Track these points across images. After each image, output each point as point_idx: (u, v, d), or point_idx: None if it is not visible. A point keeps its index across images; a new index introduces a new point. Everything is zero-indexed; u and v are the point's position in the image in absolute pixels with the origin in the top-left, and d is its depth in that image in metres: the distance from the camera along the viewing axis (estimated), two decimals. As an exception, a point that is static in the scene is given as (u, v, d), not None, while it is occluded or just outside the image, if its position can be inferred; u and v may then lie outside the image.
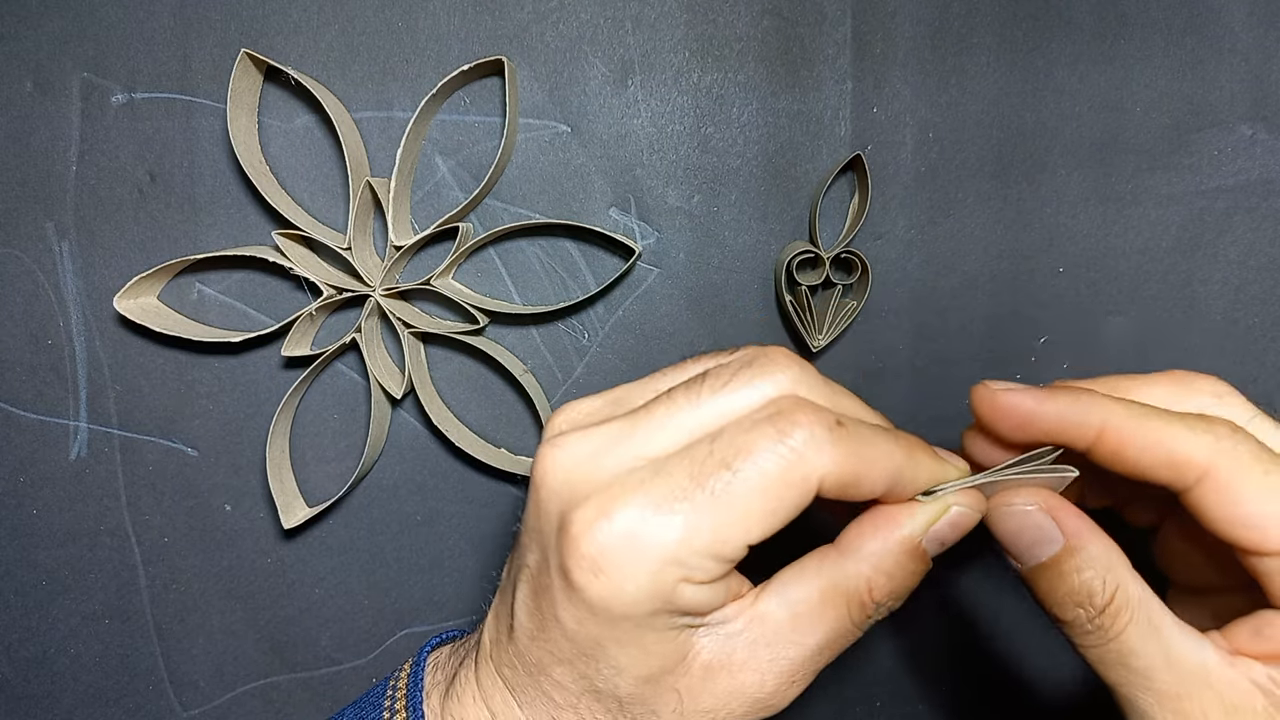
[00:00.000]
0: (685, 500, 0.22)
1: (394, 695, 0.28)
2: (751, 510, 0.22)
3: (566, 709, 0.25)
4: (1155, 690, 0.24)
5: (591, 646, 0.23)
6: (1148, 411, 0.24)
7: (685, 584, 0.22)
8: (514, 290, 0.38)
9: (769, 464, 0.22)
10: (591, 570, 0.22)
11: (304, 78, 0.35)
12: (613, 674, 0.24)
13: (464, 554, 0.39)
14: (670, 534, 0.22)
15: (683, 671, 0.24)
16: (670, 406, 0.23)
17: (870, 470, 0.23)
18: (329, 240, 0.36)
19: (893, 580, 0.24)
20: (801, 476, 0.22)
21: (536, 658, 0.25)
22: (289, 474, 0.38)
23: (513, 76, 0.35)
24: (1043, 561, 0.25)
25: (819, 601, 0.24)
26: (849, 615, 0.24)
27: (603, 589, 0.22)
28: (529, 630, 0.25)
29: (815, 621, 0.24)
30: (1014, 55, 0.36)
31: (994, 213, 0.37)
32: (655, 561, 0.22)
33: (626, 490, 0.22)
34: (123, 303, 0.36)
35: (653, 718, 0.24)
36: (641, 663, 0.23)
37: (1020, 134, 0.36)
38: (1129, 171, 0.36)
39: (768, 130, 0.37)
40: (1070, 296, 0.37)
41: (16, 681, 0.40)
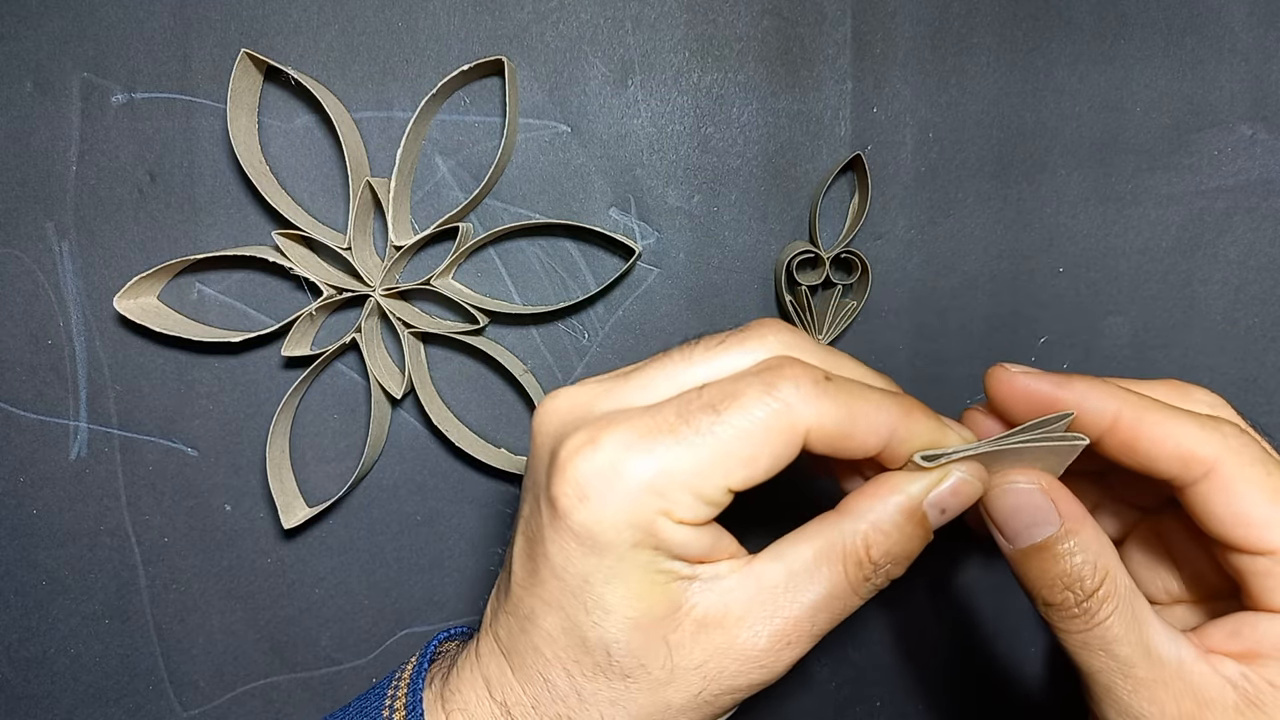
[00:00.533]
0: (669, 434, 0.22)
1: (396, 686, 0.28)
2: (733, 453, 0.22)
3: (555, 664, 0.24)
4: (1134, 679, 0.24)
5: (579, 584, 0.23)
6: (1161, 406, 0.25)
7: (665, 518, 0.22)
8: (514, 290, 0.38)
9: (754, 409, 0.22)
10: (576, 495, 0.22)
11: (304, 78, 0.35)
12: (601, 616, 0.23)
13: (464, 554, 0.39)
14: (651, 463, 0.22)
15: (673, 624, 0.24)
16: (664, 362, 0.24)
17: (860, 425, 0.23)
18: (329, 240, 0.36)
19: (890, 539, 0.24)
20: (787, 424, 0.22)
21: (529, 607, 0.24)
22: (289, 474, 0.38)
23: (513, 76, 0.35)
24: (1037, 543, 0.25)
25: (815, 559, 0.24)
26: (845, 573, 0.24)
27: (585, 514, 0.22)
28: (521, 579, 0.25)
29: (811, 578, 0.24)
30: (1014, 55, 0.36)
31: (994, 213, 0.37)
32: (635, 488, 0.22)
33: (614, 423, 0.23)
34: (123, 303, 0.36)
35: (641, 671, 0.24)
36: (629, 604, 0.23)
37: (1020, 134, 0.36)
38: (1129, 171, 0.36)
39: (768, 130, 0.37)
40: (1070, 296, 0.37)
41: (16, 681, 0.40)
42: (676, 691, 0.24)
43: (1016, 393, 0.25)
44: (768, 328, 0.24)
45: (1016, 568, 0.26)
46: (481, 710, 0.26)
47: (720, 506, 0.23)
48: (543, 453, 0.24)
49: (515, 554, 0.25)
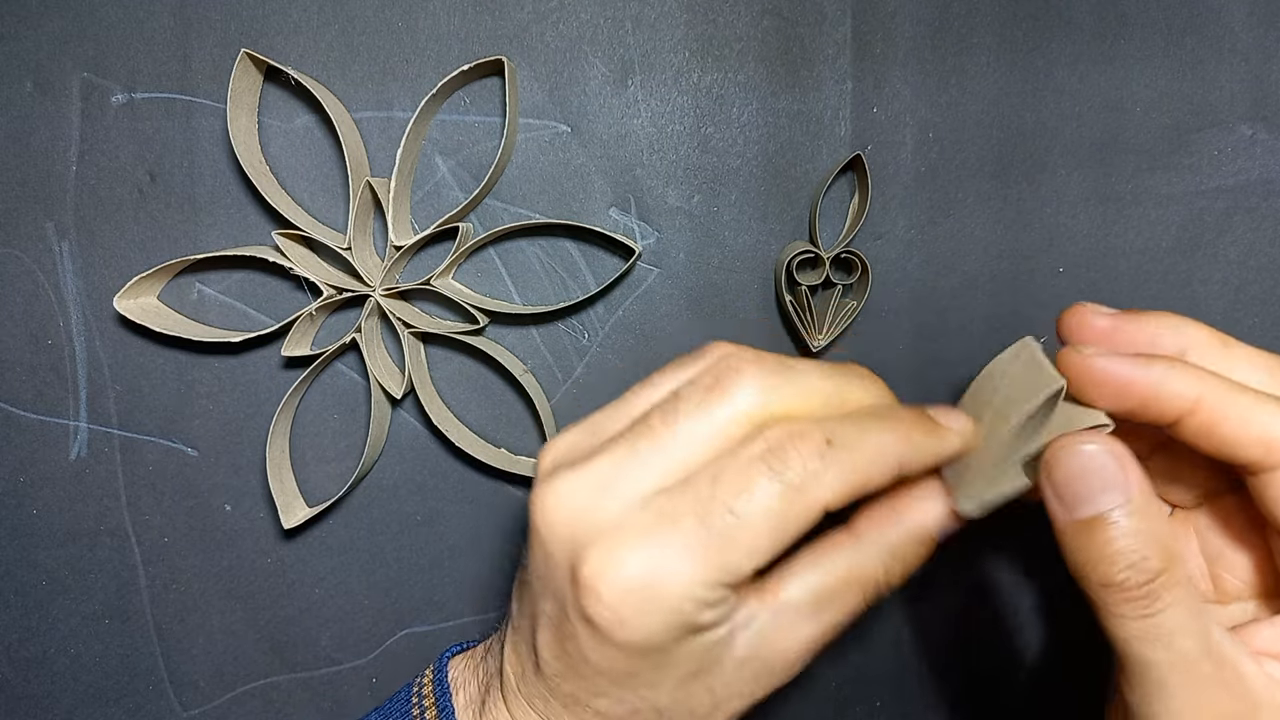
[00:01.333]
0: (696, 545, 0.23)
1: (421, 704, 0.29)
2: (758, 545, 0.23)
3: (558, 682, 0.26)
4: (1196, 675, 0.23)
5: (625, 677, 0.24)
6: (1245, 389, 0.24)
7: (704, 611, 0.23)
8: (514, 290, 0.38)
9: (771, 502, 0.23)
10: (615, 620, 0.23)
11: (304, 78, 0.35)
12: (649, 692, 0.25)
13: (464, 554, 0.39)
14: (684, 576, 0.22)
15: (718, 671, 0.25)
16: (652, 439, 0.24)
17: (870, 477, 0.24)
18: (329, 240, 0.36)
19: (906, 566, 0.26)
20: (804, 508, 0.23)
21: (570, 692, 0.25)
22: (289, 474, 0.38)
23: (513, 76, 0.35)
24: (1100, 514, 0.23)
25: (838, 587, 0.25)
26: (864, 598, 0.26)
27: (629, 634, 0.23)
28: (557, 670, 0.25)
29: (835, 604, 0.25)
30: (1014, 55, 0.36)
31: (994, 213, 0.37)
32: (674, 601, 0.23)
33: (634, 535, 0.23)
34: (123, 303, 0.36)
35: (689, 716, 0.25)
36: (675, 677, 0.25)
37: (1020, 134, 0.36)
38: (1129, 171, 0.36)
39: (768, 130, 0.37)
40: (1070, 296, 0.37)
41: (16, 681, 0.40)
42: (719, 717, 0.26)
43: (1095, 377, 0.24)
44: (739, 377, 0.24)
45: (1070, 541, 0.24)
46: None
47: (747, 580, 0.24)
48: (557, 558, 0.24)
49: (543, 644, 0.26)
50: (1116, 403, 0.24)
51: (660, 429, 0.24)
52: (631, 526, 0.23)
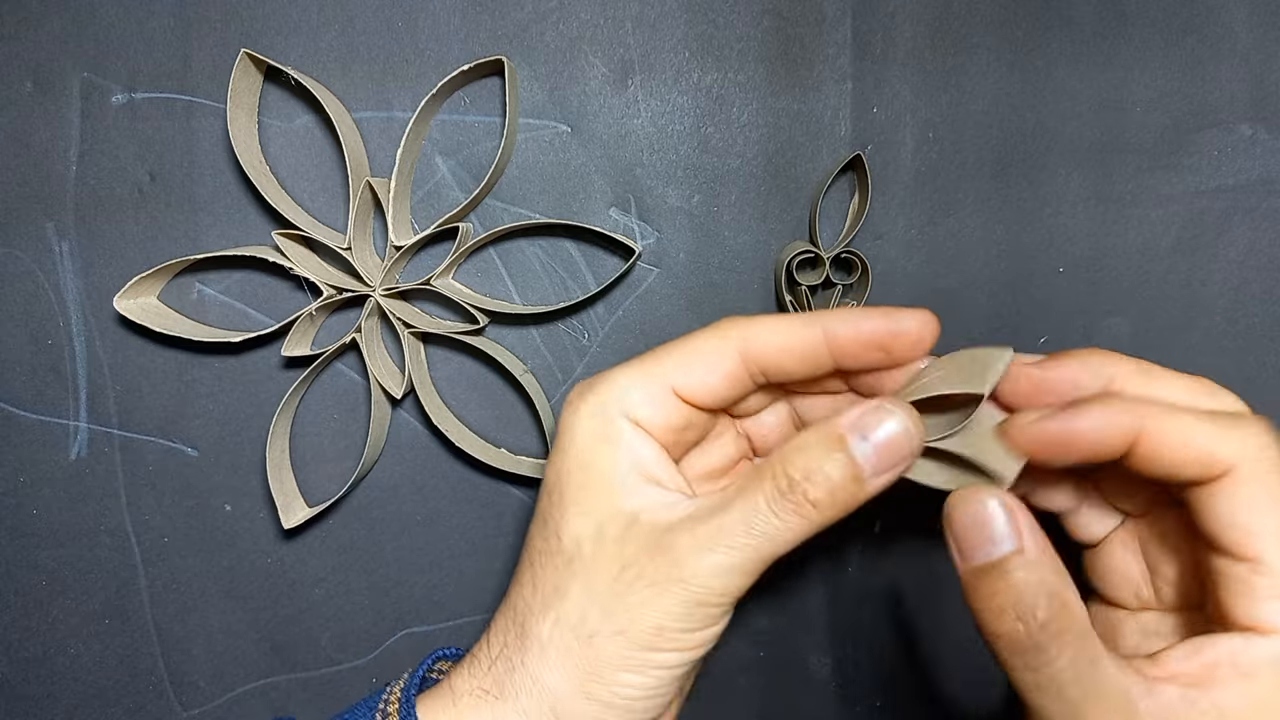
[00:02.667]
0: (638, 359, 0.28)
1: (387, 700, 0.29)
2: (675, 362, 0.27)
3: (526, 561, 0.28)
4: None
5: (553, 480, 0.27)
6: (1177, 410, 0.24)
7: (621, 414, 0.27)
8: (514, 290, 0.38)
9: (696, 335, 0.27)
10: (568, 406, 0.28)
11: (304, 78, 0.35)
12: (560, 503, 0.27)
13: (464, 554, 0.39)
14: (615, 374, 0.27)
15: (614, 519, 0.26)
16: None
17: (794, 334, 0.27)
18: (329, 240, 0.36)
19: (804, 456, 0.25)
20: (720, 337, 0.27)
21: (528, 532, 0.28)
22: (289, 474, 0.38)
23: (513, 76, 0.35)
24: (991, 561, 0.24)
25: (742, 485, 0.26)
26: (763, 492, 0.25)
27: (570, 414, 0.27)
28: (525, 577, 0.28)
29: (734, 497, 0.26)
30: (1014, 55, 0.36)
31: (994, 213, 0.37)
32: (602, 390, 0.27)
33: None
34: (123, 303, 0.36)
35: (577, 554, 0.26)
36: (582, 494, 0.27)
37: (1020, 134, 0.36)
38: (1129, 171, 0.36)
39: (768, 130, 0.37)
40: (1070, 296, 0.37)
41: (16, 681, 0.40)
42: (599, 574, 0.26)
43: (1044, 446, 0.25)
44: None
45: (967, 590, 0.25)
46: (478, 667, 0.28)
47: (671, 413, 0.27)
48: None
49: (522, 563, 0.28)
50: (1068, 457, 0.25)
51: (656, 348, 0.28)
52: None
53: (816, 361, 0.27)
